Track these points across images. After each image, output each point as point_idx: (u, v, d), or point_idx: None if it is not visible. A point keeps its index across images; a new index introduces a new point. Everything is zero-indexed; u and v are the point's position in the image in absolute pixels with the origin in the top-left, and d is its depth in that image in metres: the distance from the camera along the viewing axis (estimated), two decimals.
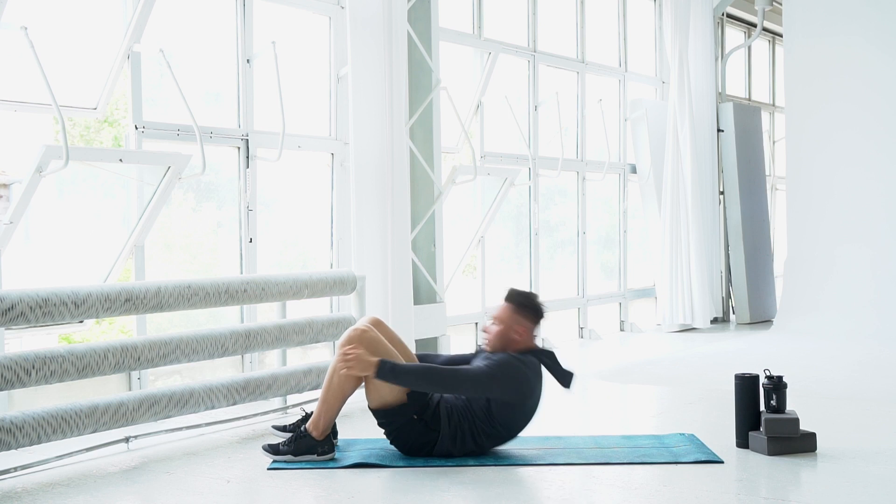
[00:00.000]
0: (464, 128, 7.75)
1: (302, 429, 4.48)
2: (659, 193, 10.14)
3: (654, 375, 7.35)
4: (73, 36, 5.55)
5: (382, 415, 4.48)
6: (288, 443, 4.47)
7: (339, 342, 4.53)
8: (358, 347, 4.41)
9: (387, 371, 4.34)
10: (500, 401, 4.45)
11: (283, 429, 4.73)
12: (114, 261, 5.70)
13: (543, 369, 4.61)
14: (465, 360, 4.71)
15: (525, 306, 4.62)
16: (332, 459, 4.47)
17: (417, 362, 4.67)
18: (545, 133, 9.13)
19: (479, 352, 4.71)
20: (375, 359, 4.37)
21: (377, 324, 4.65)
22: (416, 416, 4.44)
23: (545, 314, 4.67)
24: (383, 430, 4.56)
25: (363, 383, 4.51)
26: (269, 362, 6.46)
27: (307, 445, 4.45)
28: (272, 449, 4.49)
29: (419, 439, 4.47)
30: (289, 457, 4.44)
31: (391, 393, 4.42)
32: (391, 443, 4.55)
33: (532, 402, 4.56)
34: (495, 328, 4.61)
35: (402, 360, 4.52)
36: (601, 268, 10.22)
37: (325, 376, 4.54)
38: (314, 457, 4.45)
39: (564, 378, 4.63)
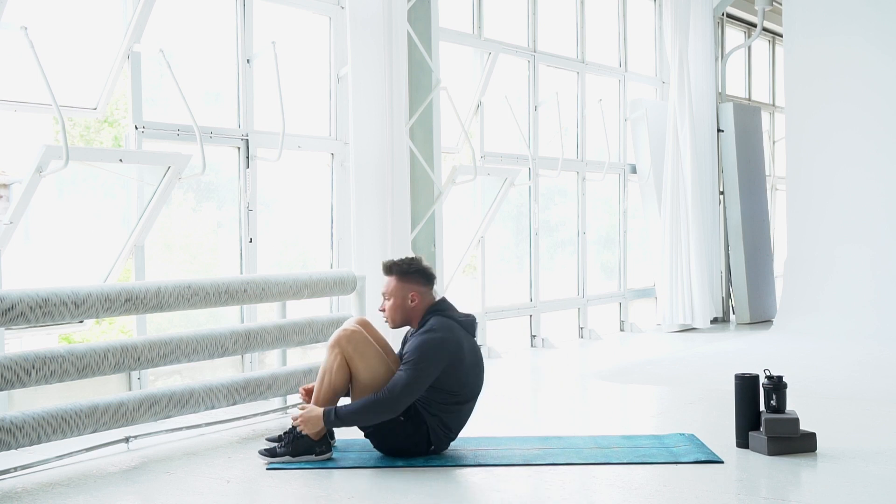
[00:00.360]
0: (464, 128, 7.75)
1: (298, 430, 4.48)
2: (659, 193, 10.14)
3: (654, 375, 7.35)
4: (73, 36, 5.55)
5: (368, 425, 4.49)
6: (285, 444, 4.47)
7: (328, 343, 4.54)
8: (303, 409, 4.44)
9: (332, 419, 4.37)
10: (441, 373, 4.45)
11: (278, 440, 4.72)
12: (114, 261, 5.70)
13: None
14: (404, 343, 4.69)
15: (408, 273, 4.60)
16: (330, 459, 4.47)
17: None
18: (545, 133, 9.13)
19: (405, 338, 4.68)
20: (319, 411, 4.39)
21: (364, 325, 4.65)
22: (402, 418, 4.44)
23: (432, 272, 4.66)
24: (372, 443, 4.56)
25: (351, 387, 4.52)
26: (269, 362, 6.46)
27: (305, 446, 4.45)
28: (269, 452, 4.49)
29: (410, 439, 4.47)
30: (287, 458, 4.44)
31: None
32: (383, 451, 4.54)
33: (470, 357, 4.54)
34: (389, 303, 4.60)
35: (389, 363, 4.52)
36: (601, 268, 10.22)
37: (317, 377, 4.55)
38: (312, 457, 4.45)
39: (467, 327, 4.59)
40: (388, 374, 4.47)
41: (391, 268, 4.62)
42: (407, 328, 4.72)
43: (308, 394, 4.60)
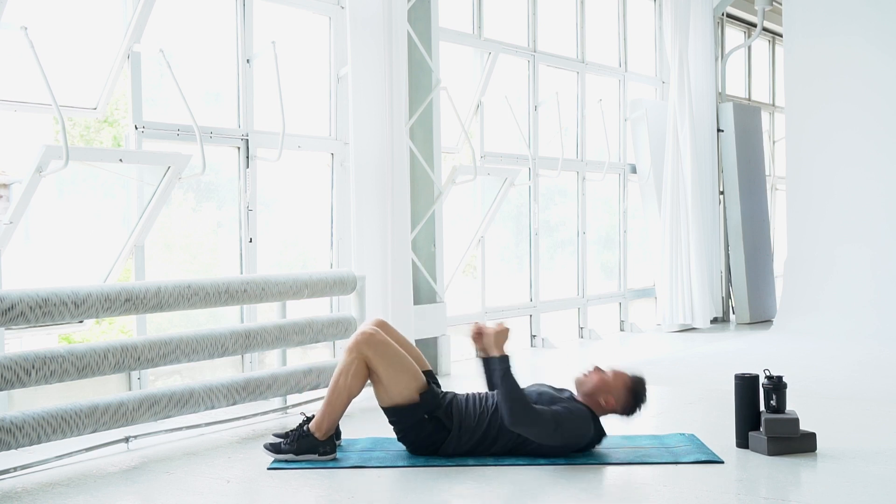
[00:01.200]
0: (464, 128, 7.75)
1: (304, 428, 4.48)
2: (659, 193, 10.14)
3: (654, 375, 7.28)
4: (73, 36, 5.55)
5: (393, 412, 4.48)
6: (290, 442, 4.47)
7: (346, 347, 4.53)
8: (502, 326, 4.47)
9: (499, 363, 4.37)
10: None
11: (285, 436, 4.72)
12: (114, 261, 5.70)
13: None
14: (544, 394, 4.62)
15: (633, 393, 4.60)
16: (334, 460, 4.47)
17: (423, 359, 4.72)
18: (545, 133, 9.13)
19: (554, 395, 4.59)
20: (501, 353, 4.40)
21: (382, 325, 4.66)
22: (426, 416, 4.44)
23: (635, 414, 4.65)
24: (395, 428, 4.55)
25: (369, 383, 4.52)
26: (269, 362, 6.46)
27: (309, 445, 4.45)
28: (274, 448, 4.49)
29: (428, 438, 4.47)
30: (290, 456, 4.44)
31: (401, 394, 4.44)
32: (399, 440, 4.55)
33: (569, 452, 4.53)
34: (598, 375, 4.59)
35: (411, 361, 4.54)
36: (601, 268, 10.22)
37: (332, 378, 4.53)
38: (315, 456, 4.45)
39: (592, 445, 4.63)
40: (409, 372, 4.47)
41: (636, 382, 4.62)
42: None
43: (479, 331, 4.56)
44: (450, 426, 4.46)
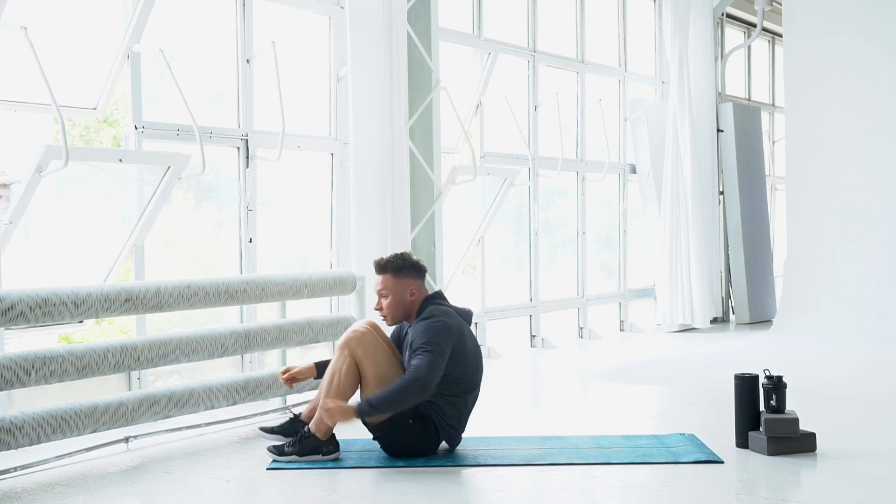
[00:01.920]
0: (464, 128, 7.75)
1: (305, 429, 4.49)
2: (659, 193, 10.14)
3: (654, 375, 7.35)
4: (73, 36, 5.55)
5: (378, 428, 4.49)
6: (292, 444, 4.47)
7: (338, 343, 4.54)
8: (334, 400, 4.40)
9: (366, 410, 4.34)
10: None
11: (272, 431, 4.72)
12: (114, 261, 5.70)
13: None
14: (395, 337, 4.73)
15: (403, 268, 4.63)
16: (337, 459, 4.47)
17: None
18: (545, 133, 9.13)
19: (403, 332, 4.68)
20: (353, 405, 4.36)
21: (374, 327, 4.66)
22: (411, 421, 4.45)
23: (423, 265, 4.69)
24: (381, 444, 4.55)
25: (360, 389, 4.52)
26: (269, 362, 6.46)
27: (312, 445, 4.46)
28: (277, 450, 4.49)
29: (420, 441, 4.48)
30: (294, 457, 4.45)
31: None
32: (392, 453, 4.53)
33: (471, 343, 4.59)
34: (387, 300, 4.62)
35: (398, 366, 4.54)
36: (601, 268, 10.22)
37: (324, 378, 4.54)
38: (319, 456, 4.45)
39: (464, 316, 4.66)
40: (397, 375, 4.47)
41: (385, 266, 4.64)
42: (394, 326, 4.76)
43: (290, 379, 4.70)
44: (431, 418, 4.47)
